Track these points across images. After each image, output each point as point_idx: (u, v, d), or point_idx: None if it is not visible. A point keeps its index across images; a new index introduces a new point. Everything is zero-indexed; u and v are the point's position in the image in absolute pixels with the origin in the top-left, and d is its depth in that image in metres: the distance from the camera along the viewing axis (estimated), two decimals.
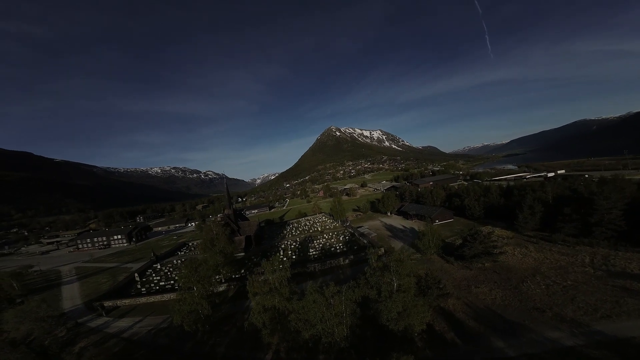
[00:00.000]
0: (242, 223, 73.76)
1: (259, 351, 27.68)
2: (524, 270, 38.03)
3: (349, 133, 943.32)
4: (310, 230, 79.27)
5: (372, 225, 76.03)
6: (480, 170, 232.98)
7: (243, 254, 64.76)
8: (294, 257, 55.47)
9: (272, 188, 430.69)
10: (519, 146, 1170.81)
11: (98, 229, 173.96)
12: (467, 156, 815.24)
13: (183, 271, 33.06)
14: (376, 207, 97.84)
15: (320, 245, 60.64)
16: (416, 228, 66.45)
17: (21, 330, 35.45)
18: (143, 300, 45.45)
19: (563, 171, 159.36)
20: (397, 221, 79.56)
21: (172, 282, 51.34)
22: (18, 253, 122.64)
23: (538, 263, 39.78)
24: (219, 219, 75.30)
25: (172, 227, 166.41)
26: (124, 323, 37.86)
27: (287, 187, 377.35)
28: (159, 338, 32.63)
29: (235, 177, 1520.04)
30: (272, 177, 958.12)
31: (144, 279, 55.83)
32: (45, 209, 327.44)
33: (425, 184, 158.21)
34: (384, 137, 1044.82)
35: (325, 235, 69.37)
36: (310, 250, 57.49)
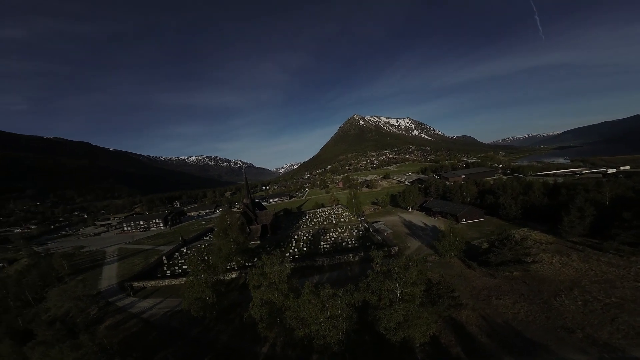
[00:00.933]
0: (260, 212, 75.71)
1: (257, 343, 28.13)
2: (560, 282, 33.03)
3: (374, 122, 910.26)
4: (325, 222, 78.65)
5: (390, 221, 72.61)
6: (524, 163, 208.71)
7: (259, 242, 66.69)
8: (305, 249, 55.53)
9: (294, 178, 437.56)
10: (575, 138, 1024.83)
11: (141, 212, 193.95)
12: (510, 147, 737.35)
13: (192, 259, 34.60)
14: (397, 201, 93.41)
15: (333, 238, 59.76)
16: (438, 227, 61.93)
17: (62, 308, 40.48)
18: (165, 282, 49.24)
19: (627, 167, 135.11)
20: (418, 218, 75.01)
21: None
22: (76, 234, 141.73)
23: (579, 275, 34.24)
24: (239, 207, 78.38)
25: (202, 212, 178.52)
26: (146, 304, 41.38)
27: (308, 177, 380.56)
28: (172, 321, 35.04)
29: (261, 166, 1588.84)
30: (295, 167, 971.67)
31: (171, 262, 60.47)
32: (101, 194, 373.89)
33: (455, 177, 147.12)
34: (412, 125, 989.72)
35: (338, 228, 68.22)
36: (322, 243, 56.97)
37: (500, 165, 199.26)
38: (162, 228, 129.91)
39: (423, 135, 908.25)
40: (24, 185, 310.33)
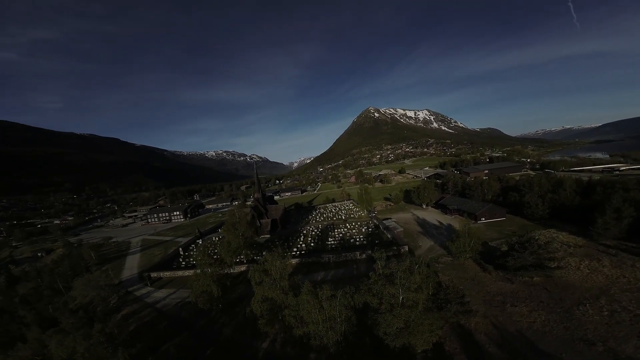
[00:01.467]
0: (270, 207, 76.73)
1: (258, 338, 28.57)
2: (586, 290, 30.11)
3: (390, 114, 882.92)
4: (334, 218, 78.06)
5: (402, 218, 70.28)
6: (556, 157, 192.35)
7: (269, 235, 67.83)
8: (312, 244, 55.47)
9: (307, 172, 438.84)
10: (616, 131, 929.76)
11: (164, 205, 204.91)
12: (540, 141, 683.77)
13: (199, 253, 35.64)
14: (411, 197, 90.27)
15: (341, 235, 59.10)
16: (454, 225, 58.94)
17: (87, 297, 43.44)
18: (180, 273, 51.55)
19: None
20: (432, 215, 71.88)
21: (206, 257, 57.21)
22: (107, 225, 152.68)
23: (609, 282, 31.00)
24: (252, 201, 79.88)
25: (219, 205, 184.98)
26: (160, 294, 43.63)
27: (320, 172, 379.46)
28: (183, 311, 36.63)
29: (275, 161, 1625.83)
30: (308, 161, 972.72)
31: (187, 254, 63.22)
32: (129, 187, 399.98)
33: (477, 172, 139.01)
34: (431, 117, 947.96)
35: (348, 224, 67.32)
36: (329, 239, 56.50)
37: (528, 160, 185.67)
38: (182, 220, 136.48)
39: (443, 128, 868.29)
40: (62, 179, 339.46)
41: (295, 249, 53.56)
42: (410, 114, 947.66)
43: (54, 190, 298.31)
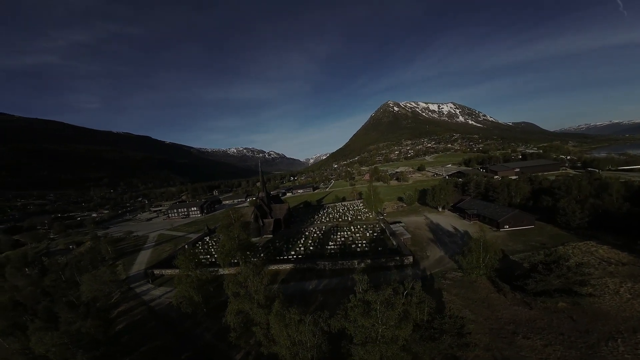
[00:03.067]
0: (275, 206, 75.70)
1: (234, 349, 27.19)
2: (623, 321, 24.68)
3: (410, 107, 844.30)
4: (340, 219, 74.98)
5: (413, 222, 65.03)
6: (601, 155, 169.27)
7: (271, 236, 66.87)
8: (311, 248, 53.25)
9: (322, 168, 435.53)
10: None
11: (185, 200, 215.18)
12: (583, 136, 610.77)
13: (180, 257, 35.15)
14: (426, 198, 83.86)
15: (343, 239, 56.12)
16: (472, 233, 52.78)
17: (93, 292, 45.19)
18: (179, 272, 52.25)
19: None
20: (448, 220, 65.44)
21: (207, 255, 57.55)
22: (134, 219, 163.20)
23: None
24: (256, 200, 79.45)
25: (235, 201, 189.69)
26: (158, 292, 44.44)
27: (335, 168, 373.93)
28: (172, 311, 36.54)
29: (292, 157, 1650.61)
30: (324, 157, 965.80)
31: (192, 250, 64.53)
32: (158, 183, 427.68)
33: (506, 171, 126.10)
34: (457, 111, 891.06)
35: (352, 227, 63.99)
36: (330, 243, 53.83)
37: (568, 157, 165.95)
38: (199, 216, 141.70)
39: (470, 122, 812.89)
40: (101, 175, 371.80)
41: (293, 252, 51.76)
42: (434, 107, 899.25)
43: (93, 185, 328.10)
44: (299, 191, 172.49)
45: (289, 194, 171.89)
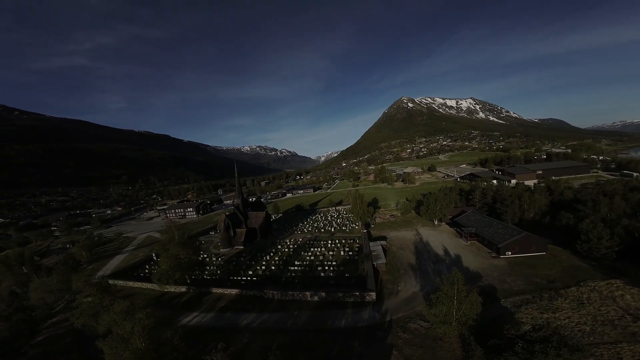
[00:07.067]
0: (251, 214, 70.19)
1: None
2: None
3: (426, 103, 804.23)
4: (323, 230, 67.73)
5: (399, 239, 55.55)
6: (639, 154, 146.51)
7: (242, 247, 61.43)
8: (273, 267, 46.65)
9: (330, 167, 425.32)
10: None
11: (192, 199, 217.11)
12: (618, 134, 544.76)
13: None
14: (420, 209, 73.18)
15: (313, 257, 48.97)
16: (465, 258, 43.51)
17: (39, 300, 42.37)
18: (131, 284, 48.31)
19: None
20: (441, 238, 54.86)
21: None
22: (137, 218, 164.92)
23: None
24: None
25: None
26: None
27: (344, 166, 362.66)
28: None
29: (303, 155, 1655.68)
30: (335, 155, 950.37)
31: (159, 259, 60.64)
32: (174, 180, 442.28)
33: (525, 173, 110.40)
34: (476, 106, 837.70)
35: (330, 241, 56.40)
36: (296, 262, 46.86)
37: (600, 158, 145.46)
38: (194, 216, 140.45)
39: (491, 118, 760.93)
40: (121, 172, 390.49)
41: (251, 272, 45.54)
42: (451, 103, 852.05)
43: (113, 182, 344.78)
44: (299, 192, 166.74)
45: (289, 195, 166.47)
